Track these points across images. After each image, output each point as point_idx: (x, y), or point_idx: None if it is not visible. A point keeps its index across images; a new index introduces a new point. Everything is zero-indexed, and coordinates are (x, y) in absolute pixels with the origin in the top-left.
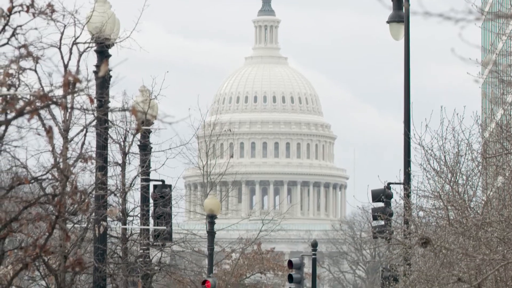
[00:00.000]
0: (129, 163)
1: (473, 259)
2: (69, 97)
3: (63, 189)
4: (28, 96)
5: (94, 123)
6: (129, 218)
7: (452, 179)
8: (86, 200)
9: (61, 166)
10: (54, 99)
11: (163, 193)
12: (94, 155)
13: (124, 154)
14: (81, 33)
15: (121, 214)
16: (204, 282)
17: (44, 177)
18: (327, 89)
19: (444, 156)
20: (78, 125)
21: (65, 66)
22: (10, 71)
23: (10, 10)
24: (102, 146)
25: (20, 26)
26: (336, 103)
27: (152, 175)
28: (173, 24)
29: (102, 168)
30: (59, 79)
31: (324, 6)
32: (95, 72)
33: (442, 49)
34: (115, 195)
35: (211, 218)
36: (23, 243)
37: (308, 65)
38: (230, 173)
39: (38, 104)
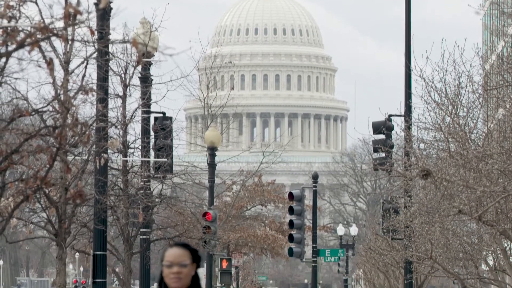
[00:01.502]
0: (130, 95)
1: (474, 191)
2: (69, 29)
3: (64, 121)
4: (28, 28)
5: (94, 55)
6: (130, 150)
7: (453, 111)
8: (87, 132)
9: (62, 98)
10: (55, 31)
11: (164, 125)
12: (95, 87)
13: (125, 86)
14: None
15: (122, 146)
16: (205, 214)
17: (45, 109)
18: (328, 21)
19: (445, 88)
20: (78, 57)
21: None
22: (11, 3)
23: None
24: (102, 78)
25: None
26: (336, 35)
27: (153, 107)
28: None
29: (103, 100)
30: (59, 11)
31: None
32: (96, 4)
33: None
34: (116, 127)
35: (212, 150)
36: (24, 175)
37: None
38: (231, 105)
39: (38, 36)
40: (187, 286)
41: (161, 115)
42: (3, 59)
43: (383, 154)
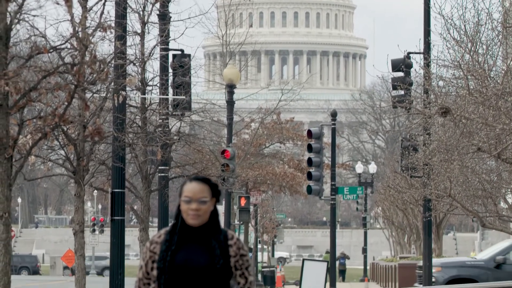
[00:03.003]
0: (148, 33)
1: (493, 128)
2: None
3: (82, 59)
4: None
5: None
6: (148, 88)
7: (472, 49)
8: (105, 70)
9: (80, 36)
10: None
11: (182, 62)
12: (113, 25)
13: (143, 23)
14: None
15: (140, 84)
16: (223, 151)
17: (63, 46)
18: None
19: (464, 26)
20: None
21: None
22: None
23: None
24: (121, 16)
25: None
26: None
27: (171, 45)
28: None
29: (121, 37)
30: None
31: None
32: None
33: None
34: (134, 64)
35: (230, 88)
36: (42, 113)
37: None
38: (249, 42)
39: None
40: (205, 221)
41: (179, 52)
42: None
43: (402, 92)
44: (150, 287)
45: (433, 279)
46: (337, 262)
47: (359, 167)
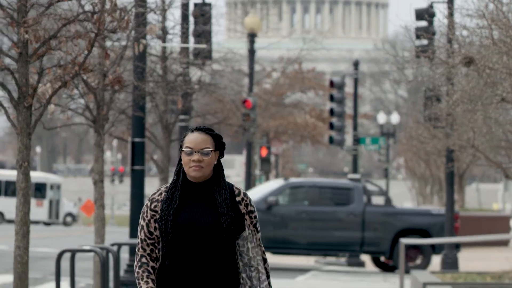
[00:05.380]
0: None
1: None
2: None
3: (103, 7)
4: None
5: None
6: (169, 37)
7: None
8: (126, 18)
9: None
10: None
11: (203, 11)
12: None
13: None
14: None
15: (161, 32)
16: (244, 101)
17: None
18: None
19: None
20: None
21: None
22: None
23: None
24: None
25: None
26: None
27: None
28: None
29: None
30: None
31: None
32: None
33: None
34: (154, 12)
35: (252, 37)
36: (62, 61)
37: None
38: None
39: None
40: (208, 176)
41: (200, 1)
42: None
43: (425, 41)
44: (156, 249)
45: None
46: None
47: (382, 117)
